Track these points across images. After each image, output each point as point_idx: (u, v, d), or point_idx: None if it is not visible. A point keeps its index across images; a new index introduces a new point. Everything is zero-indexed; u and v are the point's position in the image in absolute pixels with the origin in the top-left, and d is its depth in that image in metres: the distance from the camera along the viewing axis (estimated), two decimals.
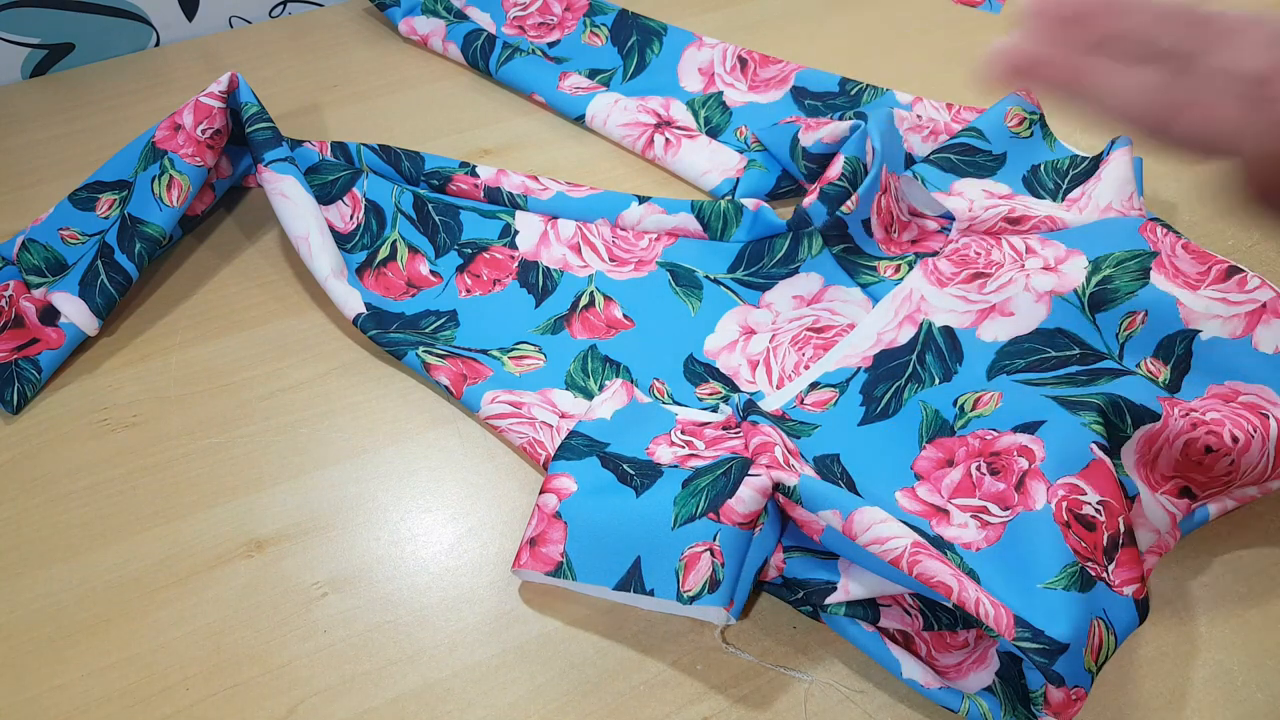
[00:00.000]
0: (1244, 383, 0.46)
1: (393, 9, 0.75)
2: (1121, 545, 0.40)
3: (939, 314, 0.51)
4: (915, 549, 0.39)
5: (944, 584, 0.38)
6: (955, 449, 0.45)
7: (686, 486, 0.42)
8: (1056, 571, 0.38)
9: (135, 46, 0.75)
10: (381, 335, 0.53)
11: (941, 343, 0.50)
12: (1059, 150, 0.60)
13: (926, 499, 0.44)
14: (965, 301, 0.51)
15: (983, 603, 0.38)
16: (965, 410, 0.47)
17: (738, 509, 0.41)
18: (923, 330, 0.50)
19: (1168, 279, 0.48)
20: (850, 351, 0.51)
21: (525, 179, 0.60)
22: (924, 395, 0.48)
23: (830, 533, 0.41)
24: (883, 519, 0.40)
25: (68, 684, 0.42)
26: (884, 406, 0.49)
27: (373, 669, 0.42)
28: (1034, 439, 0.43)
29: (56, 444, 0.50)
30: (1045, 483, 0.41)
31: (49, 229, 0.55)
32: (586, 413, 0.48)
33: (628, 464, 0.45)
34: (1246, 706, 0.41)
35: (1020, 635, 0.37)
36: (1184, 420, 0.43)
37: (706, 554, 0.41)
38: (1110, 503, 0.40)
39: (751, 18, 0.76)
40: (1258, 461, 0.44)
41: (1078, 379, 0.46)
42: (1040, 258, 0.51)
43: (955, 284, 0.51)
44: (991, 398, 0.46)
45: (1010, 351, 0.48)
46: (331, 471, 0.49)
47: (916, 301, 0.51)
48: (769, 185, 0.61)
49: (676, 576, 0.41)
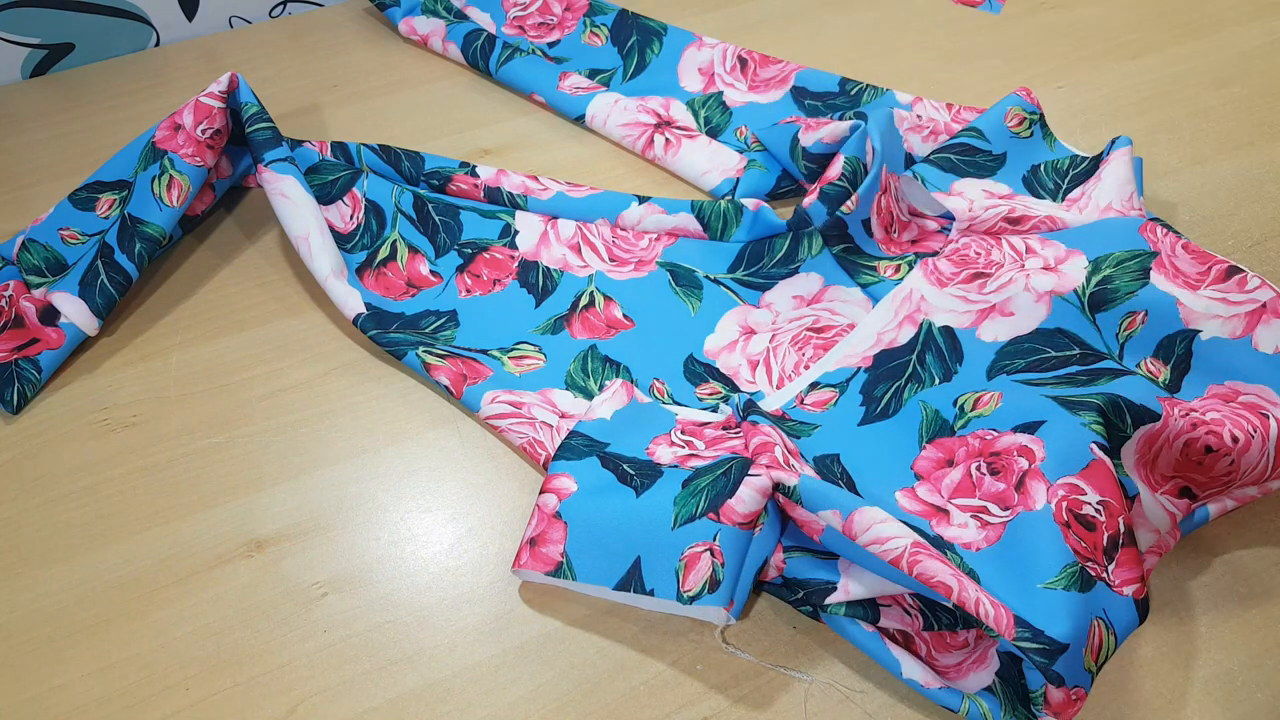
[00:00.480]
0: (1244, 383, 0.46)
1: (393, 9, 0.75)
2: (1121, 545, 0.40)
3: (939, 314, 0.51)
4: (915, 549, 0.39)
5: (944, 584, 0.38)
6: (955, 449, 0.45)
7: (686, 486, 0.42)
8: (1056, 571, 0.38)
9: (135, 46, 0.75)
10: (381, 335, 0.53)
11: (941, 343, 0.50)
12: (1059, 150, 0.60)
13: (926, 499, 0.44)
14: (965, 301, 0.51)
15: (983, 603, 0.38)
16: (965, 410, 0.47)
17: (738, 509, 0.41)
18: (923, 330, 0.50)
19: (1168, 279, 0.48)
20: (850, 351, 0.51)
21: (525, 179, 0.60)
22: (924, 395, 0.48)
23: (830, 533, 0.41)
24: (882, 519, 0.40)
25: (68, 684, 0.42)
26: (884, 406, 0.49)
27: (373, 669, 0.42)
28: (1034, 439, 0.43)
29: (56, 444, 0.50)
30: (1045, 483, 0.41)
31: (49, 229, 0.55)
32: (586, 413, 0.48)
33: (628, 464, 0.45)
34: (1246, 706, 0.41)
35: (1020, 635, 0.37)
36: (1184, 420, 0.43)
37: (706, 554, 0.41)
38: (1110, 503, 0.40)
39: (751, 18, 0.76)
40: (1258, 461, 0.44)
41: (1077, 379, 0.46)
42: (1040, 258, 0.51)
43: (955, 284, 0.51)
44: (991, 397, 0.46)
45: (1010, 351, 0.48)
46: (331, 471, 0.49)
47: (916, 301, 0.51)
48: (769, 185, 0.61)
49: (676, 576, 0.41)
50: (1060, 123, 0.67)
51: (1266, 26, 0.74)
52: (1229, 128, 0.66)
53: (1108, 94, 0.69)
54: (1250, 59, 0.71)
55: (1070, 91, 0.69)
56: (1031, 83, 0.69)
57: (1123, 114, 0.68)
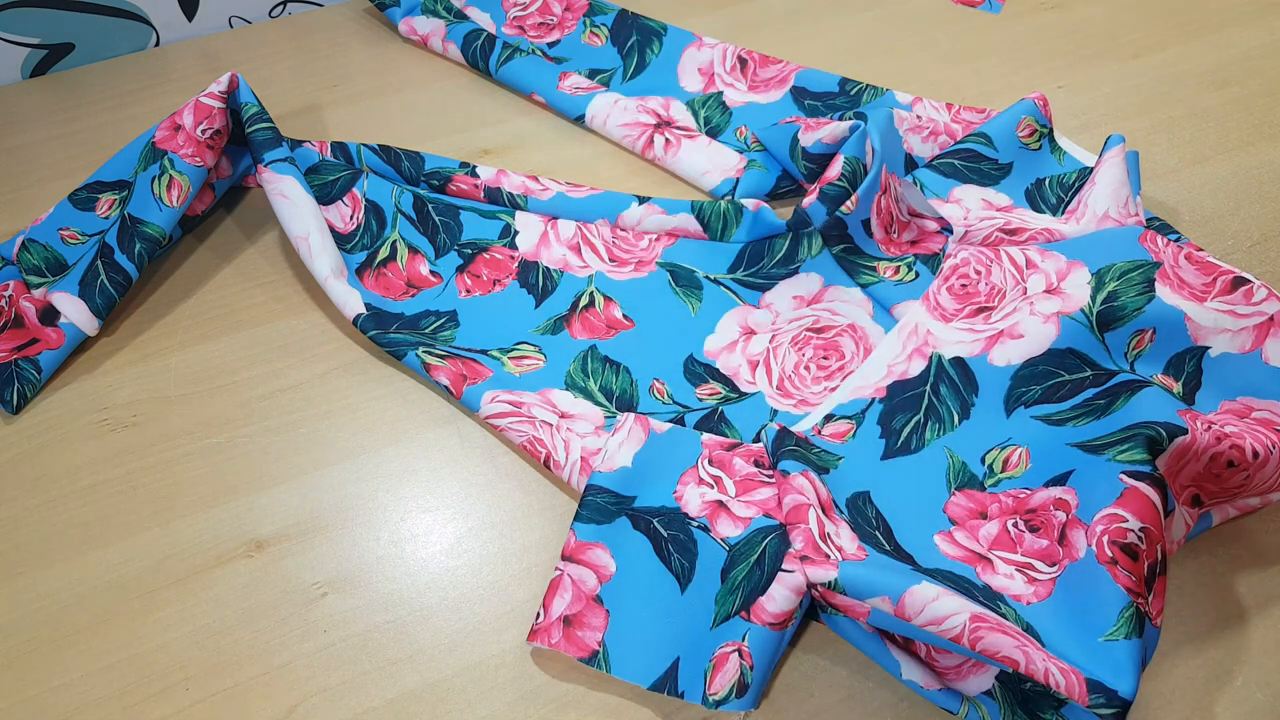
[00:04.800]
0: (1256, 398, 0.46)
1: (393, 9, 0.75)
2: (1158, 574, 0.40)
3: (948, 346, 0.50)
4: (975, 623, 0.38)
5: (1010, 658, 0.37)
6: (987, 503, 0.45)
7: (726, 579, 0.42)
8: (1114, 619, 0.38)
9: (135, 46, 0.75)
10: (381, 335, 0.53)
11: (954, 374, 0.49)
12: (1069, 164, 0.59)
13: (966, 545, 0.44)
14: (972, 332, 0.50)
15: (1052, 673, 0.37)
16: (995, 470, 0.46)
17: (769, 608, 0.40)
18: (933, 363, 0.50)
19: (1173, 291, 0.47)
20: (863, 383, 0.50)
21: (525, 179, 0.60)
22: (948, 442, 0.47)
23: (878, 613, 0.40)
24: (934, 596, 0.38)
25: (68, 684, 0.42)
26: (904, 441, 0.48)
27: (373, 669, 0.42)
28: (1065, 489, 0.43)
29: (56, 444, 0.50)
30: (1083, 528, 0.41)
31: (49, 229, 0.55)
32: (604, 460, 0.46)
33: (659, 519, 0.44)
34: (1246, 706, 0.41)
35: (1094, 701, 0.36)
36: (1209, 434, 0.43)
37: (735, 655, 0.40)
38: (1150, 529, 0.40)
39: (751, 18, 0.76)
40: (1271, 476, 0.44)
41: (1096, 405, 0.46)
42: (1041, 272, 0.50)
43: (960, 319, 0.51)
44: (1019, 456, 0.46)
45: (1024, 376, 0.48)
46: (331, 471, 0.49)
47: (924, 335, 0.51)
48: (769, 185, 0.61)
49: (704, 677, 0.40)
50: (1060, 123, 0.67)
51: (1266, 26, 0.74)
52: (1229, 128, 0.66)
53: (1108, 94, 0.69)
54: (1250, 59, 0.71)
55: (1070, 91, 0.69)
56: (1031, 83, 0.69)
57: (1123, 114, 0.68)
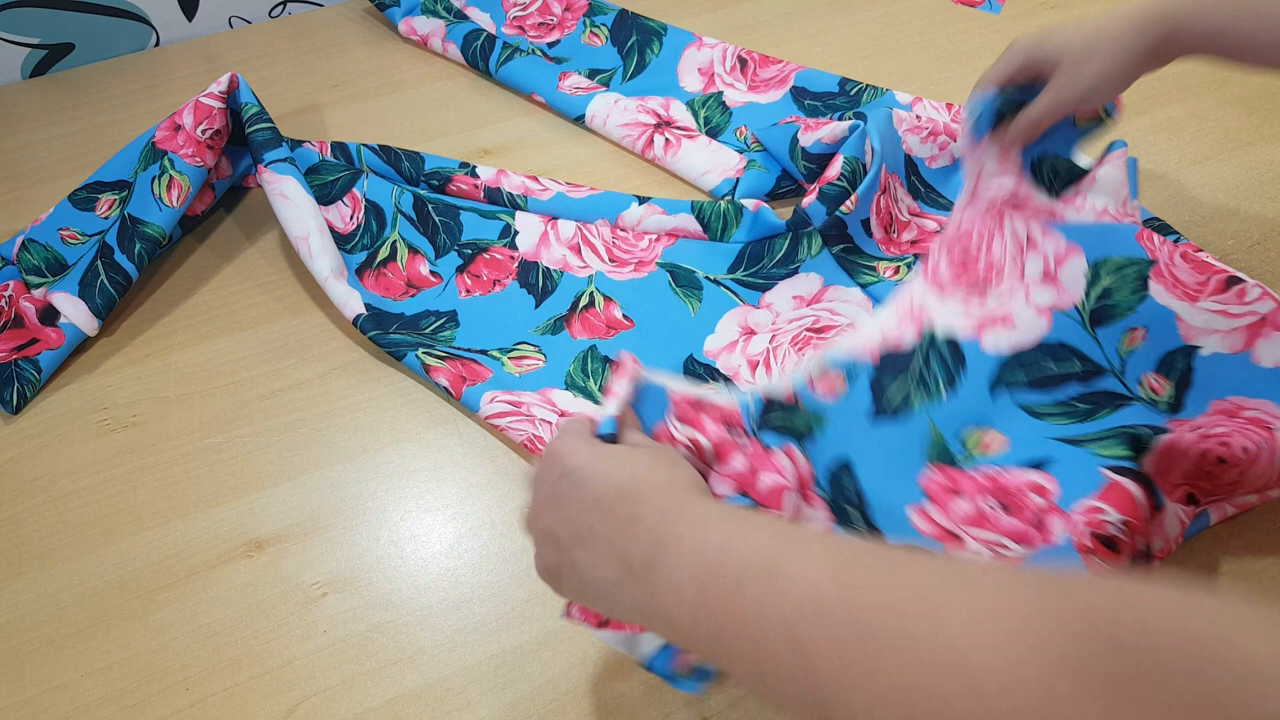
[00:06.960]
0: (1246, 398, 0.46)
1: (393, 9, 0.75)
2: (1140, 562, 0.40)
3: (940, 323, 0.50)
4: None
5: None
6: (960, 481, 0.45)
7: None
8: None
9: (135, 46, 0.75)
10: (381, 336, 0.52)
11: (945, 350, 0.49)
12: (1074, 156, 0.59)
13: (939, 521, 0.44)
14: (966, 316, 0.50)
15: None
16: (970, 450, 0.46)
17: None
18: (926, 338, 0.50)
19: (1166, 289, 0.48)
20: (856, 343, 0.51)
21: (525, 179, 0.60)
22: (933, 413, 0.48)
23: None
24: None
25: (68, 684, 0.42)
26: (890, 403, 0.48)
27: (373, 669, 0.42)
28: (1046, 475, 0.43)
29: (56, 444, 0.50)
30: (1063, 515, 0.41)
31: (49, 229, 0.55)
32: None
33: None
34: None
35: None
36: (1194, 434, 0.43)
37: None
38: (1132, 523, 0.40)
39: (751, 18, 0.76)
40: (1265, 473, 0.44)
41: (1078, 408, 0.46)
42: (1040, 252, 0.50)
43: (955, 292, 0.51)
44: (996, 440, 0.46)
45: (1012, 363, 0.48)
46: (331, 471, 0.49)
47: (919, 309, 0.51)
48: (769, 185, 0.61)
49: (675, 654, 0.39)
50: None
51: None
52: (1229, 128, 0.66)
53: None
54: None
55: None
56: None
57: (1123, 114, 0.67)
